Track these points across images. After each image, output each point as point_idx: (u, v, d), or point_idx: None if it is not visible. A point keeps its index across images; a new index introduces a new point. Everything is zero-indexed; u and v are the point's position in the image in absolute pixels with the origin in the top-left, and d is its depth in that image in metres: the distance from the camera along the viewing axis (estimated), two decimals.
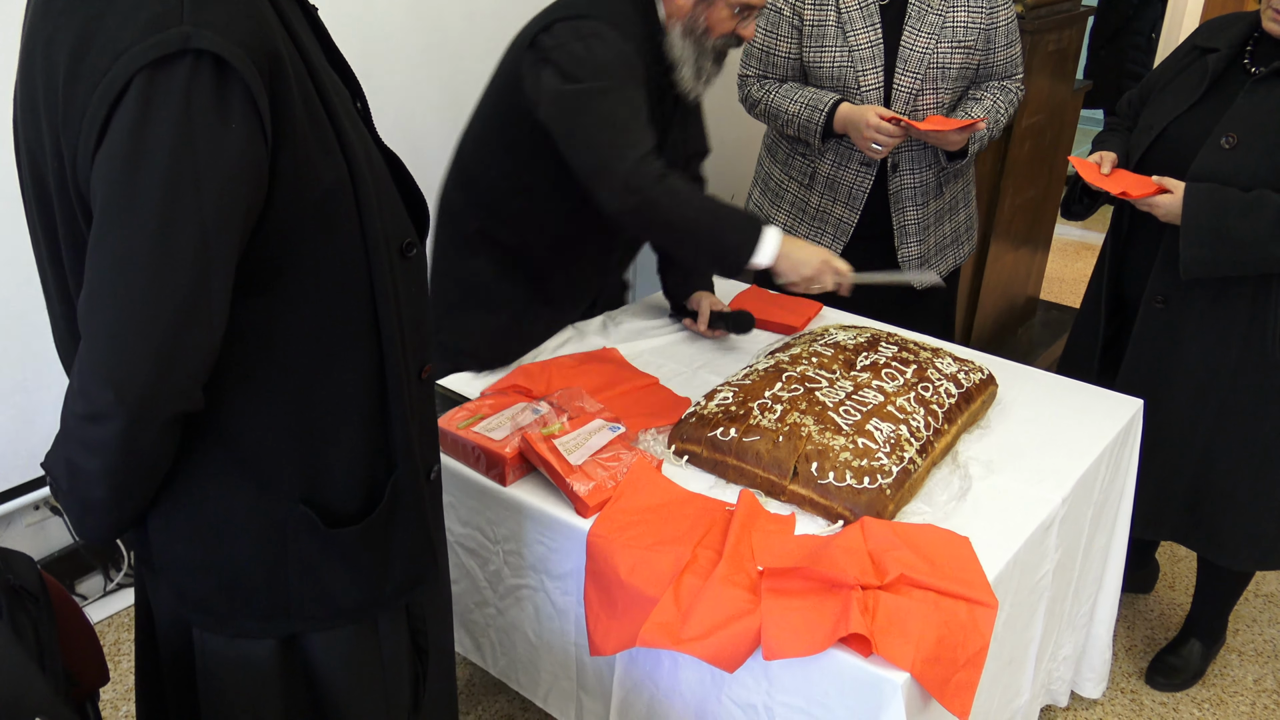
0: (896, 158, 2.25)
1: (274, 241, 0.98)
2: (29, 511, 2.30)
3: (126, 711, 2.14)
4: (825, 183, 2.32)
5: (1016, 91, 2.29)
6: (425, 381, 1.19)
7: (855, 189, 2.29)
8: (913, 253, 2.34)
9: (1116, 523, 1.92)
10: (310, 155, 0.98)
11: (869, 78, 2.17)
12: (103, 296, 0.90)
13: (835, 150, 2.28)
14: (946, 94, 2.22)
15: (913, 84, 2.17)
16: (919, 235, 2.33)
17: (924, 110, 2.21)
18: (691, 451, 1.63)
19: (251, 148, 0.91)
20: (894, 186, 2.28)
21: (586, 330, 2.11)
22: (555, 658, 1.64)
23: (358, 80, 1.13)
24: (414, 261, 1.14)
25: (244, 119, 0.90)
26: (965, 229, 2.46)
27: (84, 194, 0.92)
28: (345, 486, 1.12)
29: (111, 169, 0.88)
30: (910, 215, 2.31)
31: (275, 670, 1.16)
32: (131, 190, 0.88)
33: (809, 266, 1.70)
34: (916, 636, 1.25)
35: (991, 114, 2.22)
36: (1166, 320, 2.01)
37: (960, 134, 2.13)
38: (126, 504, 1.04)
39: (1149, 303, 2.02)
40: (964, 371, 1.80)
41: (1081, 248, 5.16)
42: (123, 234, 0.88)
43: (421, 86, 2.60)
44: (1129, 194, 1.91)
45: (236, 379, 1.03)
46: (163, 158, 0.87)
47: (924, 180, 2.29)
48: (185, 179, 0.88)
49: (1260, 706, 2.25)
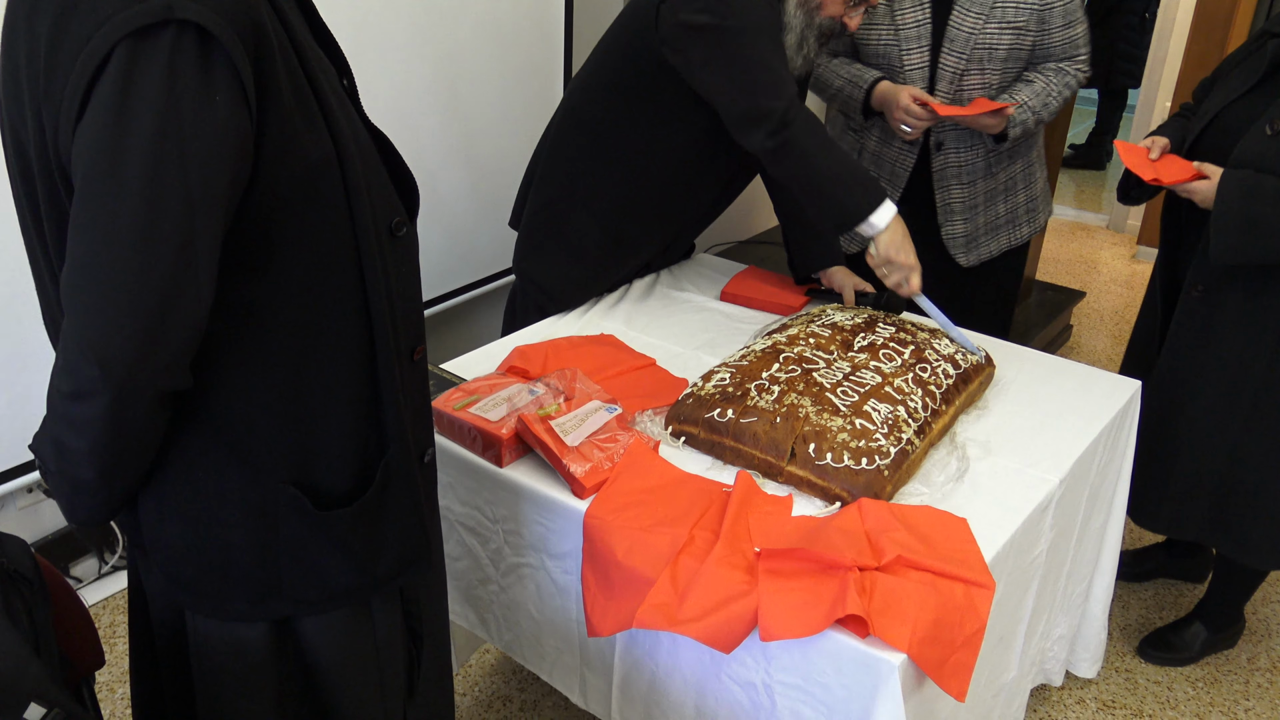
0: (941, 136, 2.24)
1: (260, 218, 0.97)
2: (22, 495, 2.29)
3: (123, 694, 2.14)
4: (871, 158, 2.33)
5: (1075, 74, 2.22)
6: (417, 363, 1.19)
7: (898, 166, 2.29)
8: (958, 231, 2.33)
9: (1113, 504, 1.92)
10: (295, 130, 0.96)
11: (913, 57, 2.16)
12: (86, 270, 0.89)
13: (881, 126, 2.28)
14: (994, 75, 2.17)
15: (958, 64, 2.14)
16: (965, 214, 2.31)
17: (969, 91, 2.18)
18: (688, 433, 1.62)
19: (235, 119, 0.90)
20: (937, 165, 2.27)
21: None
22: (558, 634, 1.65)
23: (345, 58, 1.12)
24: (404, 241, 1.13)
25: (228, 90, 0.89)
26: (1025, 211, 2.41)
27: (65, 166, 0.91)
28: (336, 468, 1.11)
29: (93, 140, 0.86)
30: (955, 194, 2.29)
31: (268, 653, 1.16)
32: (114, 162, 0.86)
33: (905, 254, 1.85)
34: (913, 618, 1.25)
35: (1039, 97, 2.17)
36: (1204, 310, 1.97)
37: (993, 118, 2.11)
38: (115, 484, 1.03)
39: (1188, 292, 2.00)
40: (961, 353, 1.79)
41: (1077, 228, 5.16)
42: (106, 207, 0.87)
43: (415, 67, 2.58)
44: (1161, 180, 1.90)
45: (225, 359, 1.02)
46: (146, 128, 0.86)
47: (970, 160, 2.27)
48: (169, 150, 0.87)
49: (1254, 685, 2.26)
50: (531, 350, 1.86)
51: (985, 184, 2.31)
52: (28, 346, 2.09)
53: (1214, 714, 2.18)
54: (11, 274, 2.02)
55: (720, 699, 1.43)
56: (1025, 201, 2.41)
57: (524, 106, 2.89)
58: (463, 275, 2.92)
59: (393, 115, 2.50)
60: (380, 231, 1.07)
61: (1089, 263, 4.74)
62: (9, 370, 2.09)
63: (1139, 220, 4.86)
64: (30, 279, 1.14)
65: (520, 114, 2.88)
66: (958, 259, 2.35)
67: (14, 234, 2.00)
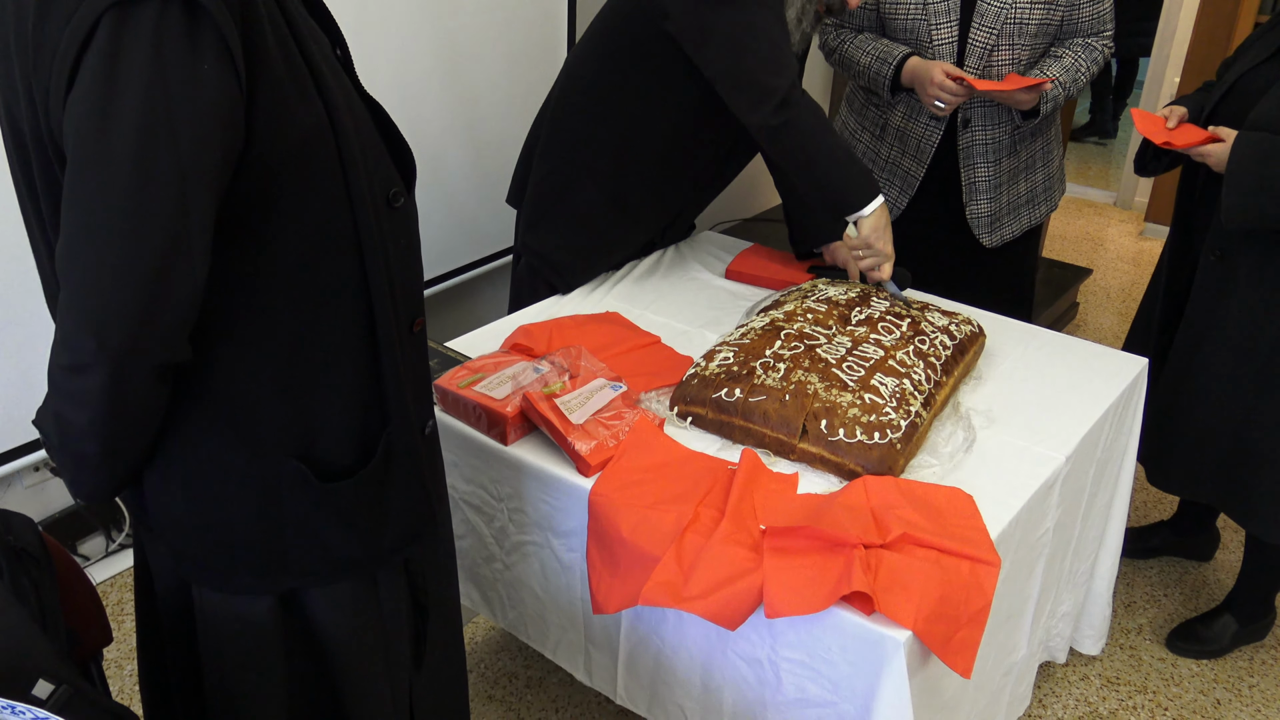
0: (969, 113, 2.21)
1: (254, 188, 0.96)
2: (29, 473, 2.30)
3: (131, 670, 2.15)
4: (895, 135, 2.30)
5: (1102, 49, 2.20)
6: (417, 335, 1.18)
7: (924, 142, 2.26)
8: (983, 210, 2.30)
9: (1119, 481, 1.92)
10: (287, 98, 0.96)
11: (942, 32, 2.13)
12: (80, 244, 0.89)
13: (906, 103, 2.25)
14: (1024, 50, 2.15)
15: (988, 39, 2.11)
16: (990, 193, 2.29)
17: (998, 66, 2.15)
18: (696, 414, 1.62)
19: (225, 88, 0.90)
20: (964, 142, 2.24)
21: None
22: (563, 612, 1.65)
23: (338, 27, 1.11)
24: (402, 211, 1.12)
25: (216, 59, 0.88)
26: (1043, 189, 2.40)
27: (58, 140, 0.90)
28: (338, 441, 1.11)
29: (83, 112, 0.86)
30: (981, 172, 2.27)
31: (275, 627, 1.17)
32: (104, 133, 0.86)
33: (884, 241, 1.88)
34: (919, 594, 1.25)
35: (1070, 73, 2.15)
36: (1221, 275, 1.97)
37: (1028, 93, 2.09)
38: (118, 459, 1.03)
39: (1206, 256, 1.99)
40: (954, 324, 1.80)
41: (1084, 205, 5.13)
42: (98, 178, 0.87)
43: (416, 45, 2.56)
44: (1173, 143, 1.88)
45: (224, 334, 1.01)
46: (134, 99, 0.85)
47: (996, 137, 2.24)
48: (158, 120, 0.86)
49: (1259, 662, 2.27)
50: (536, 328, 1.85)
51: (1009, 161, 2.29)
52: (31, 324, 2.09)
53: (1218, 690, 2.19)
54: (13, 251, 2.02)
55: (725, 676, 1.43)
56: (1043, 180, 2.39)
57: (526, 85, 2.87)
58: (466, 254, 2.92)
59: (394, 93, 2.49)
60: (377, 202, 1.07)
61: (1096, 240, 4.71)
62: (13, 348, 2.09)
63: (1146, 197, 4.83)
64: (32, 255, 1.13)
65: (523, 92, 2.86)
66: (981, 239, 2.32)
67: (15, 211, 2.00)
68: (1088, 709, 2.13)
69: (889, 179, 2.33)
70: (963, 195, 2.29)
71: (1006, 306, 2.16)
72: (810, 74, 3.96)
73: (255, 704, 1.19)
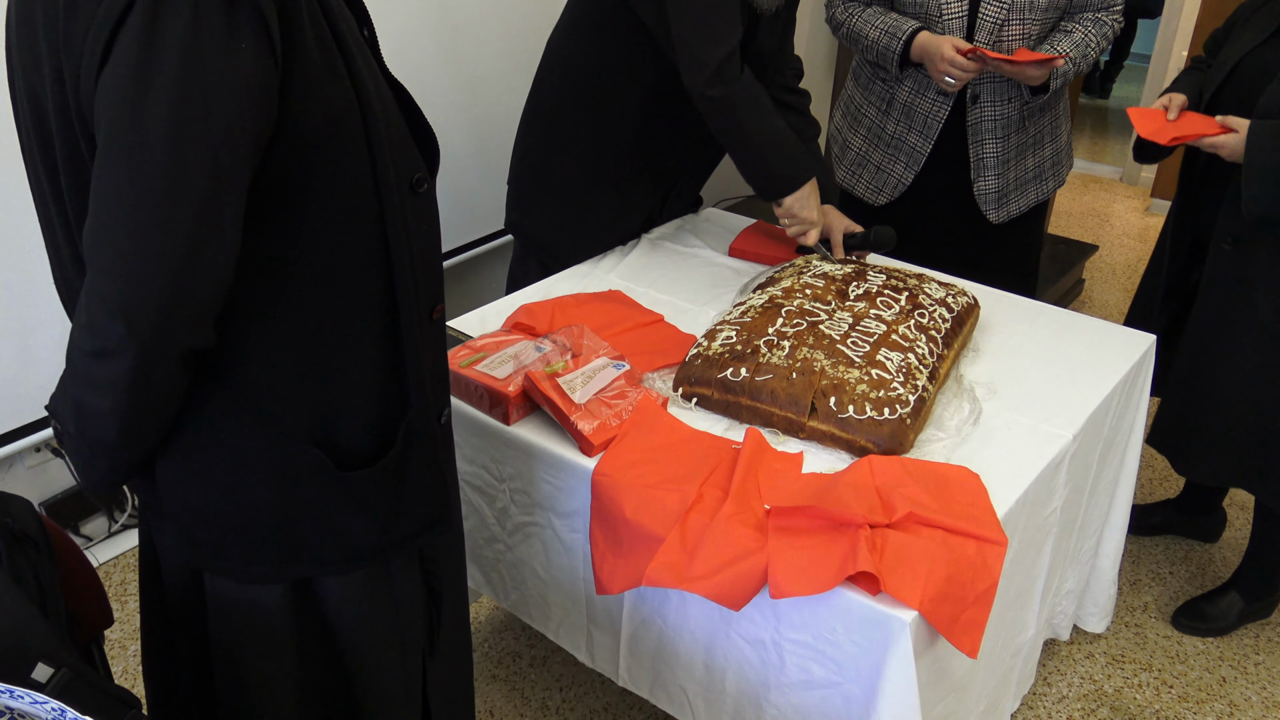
0: (977, 89, 2.18)
1: (283, 169, 0.95)
2: (30, 454, 2.29)
3: (134, 650, 2.15)
4: (902, 109, 2.27)
5: (1112, 24, 2.17)
6: (436, 322, 1.17)
7: (931, 118, 2.24)
8: (990, 186, 2.28)
9: (1125, 458, 1.91)
10: (319, 80, 0.94)
11: (952, 6, 2.10)
12: (110, 225, 0.87)
13: (914, 77, 2.22)
14: (1035, 25, 2.12)
15: (999, 14, 2.08)
16: (997, 169, 2.26)
17: (1009, 41, 2.12)
18: (701, 394, 1.60)
19: (261, 68, 0.88)
20: (973, 118, 2.21)
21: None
22: (565, 593, 1.64)
23: (365, 7, 1.09)
24: (424, 197, 1.11)
25: (254, 39, 0.87)
26: (1051, 164, 2.37)
27: (86, 119, 0.89)
28: (358, 429, 1.10)
29: (117, 90, 0.84)
30: (989, 148, 2.24)
31: (287, 614, 1.16)
32: (138, 112, 0.84)
33: (808, 210, 1.93)
34: (925, 574, 1.24)
35: (1080, 48, 2.13)
36: (1235, 263, 1.95)
37: (1039, 69, 2.06)
38: (135, 447, 1.02)
39: (1217, 244, 1.97)
40: (951, 296, 1.79)
41: (1090, 181, 5.10)
42: (130, 159, 0.85)
43: (417, 23, 2.53)
44: (1181, 139, 1.86)
45: (247, 317, 1.00)
46: (170, 78, 0.84)
47: (1005, 113, 2.21)
48: (194, 100, 0.85)
49: (1264, 639, 2.26)
50: (537, 307, 1.84)
51: (1018, 138, 2.26)
52: (34, 307, 2.08)
53: (1223, 668, 2.19)
54: (17, 232, 2.01)
55: (729, 657, 1.43)
56: (1051, 155, 2.36)
57: (528, 64, 2.82)
58: (467, 232, 2.90)
59: (396, 70, 2.44)
60: (402, 187, 1.06)
61: (1102, 216, 4.68)
62: (15, 330, 2.08)
63: (1152, 173, 4.79)
64: (37, 238, 1.12)
65: (524, 70, 2.82)
66: (988, 215, 2.30)
67: (21, 192, 1.98)
68: (1093, 686, 2.13)
69: (894, 154, 2.31)
70: (970, 171, 2.27)
71: (1011, 283, 2.14)
72: (814, 47, 3.91)
73: (266, 691, 1.19)
